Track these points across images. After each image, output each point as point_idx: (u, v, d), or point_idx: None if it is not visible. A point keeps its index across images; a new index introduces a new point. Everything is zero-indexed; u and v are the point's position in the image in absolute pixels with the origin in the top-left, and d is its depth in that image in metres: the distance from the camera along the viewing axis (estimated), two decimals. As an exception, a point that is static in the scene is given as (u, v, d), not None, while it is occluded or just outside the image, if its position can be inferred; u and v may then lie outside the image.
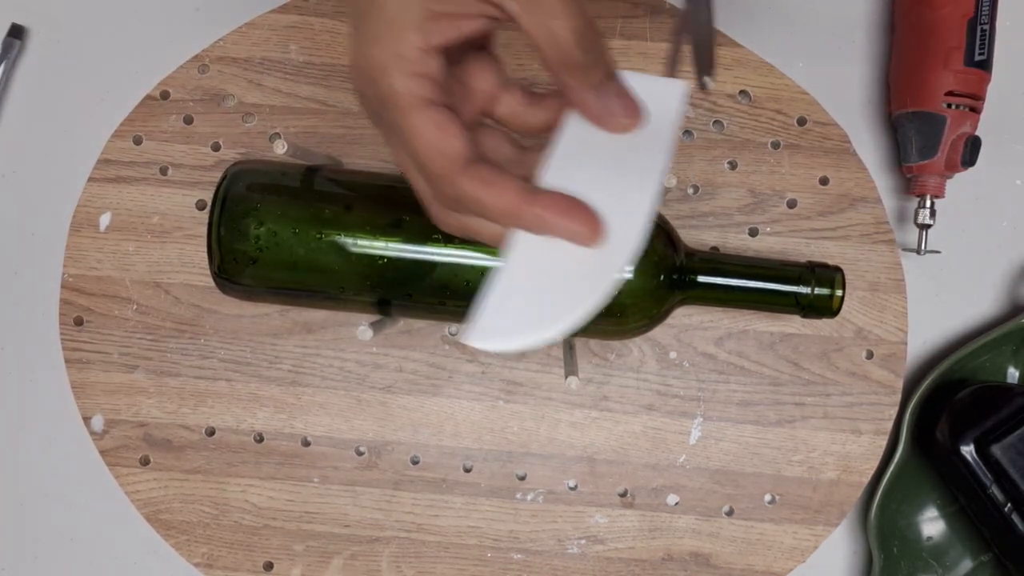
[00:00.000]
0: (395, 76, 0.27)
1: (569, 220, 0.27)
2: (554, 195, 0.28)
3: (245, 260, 0.43)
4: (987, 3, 0.47)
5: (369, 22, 0.27)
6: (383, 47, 0.27)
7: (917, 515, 0.51)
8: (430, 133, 0.27)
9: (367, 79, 0.28)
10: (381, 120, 0.29)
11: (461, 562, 0.50)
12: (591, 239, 0.28)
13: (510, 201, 0.27)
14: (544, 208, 0.27)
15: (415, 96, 0.27)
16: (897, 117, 0.50)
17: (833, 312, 0.45)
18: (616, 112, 0.29)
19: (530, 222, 0.28)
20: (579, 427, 0.50)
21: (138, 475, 0.50)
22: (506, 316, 0.28)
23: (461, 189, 0.27)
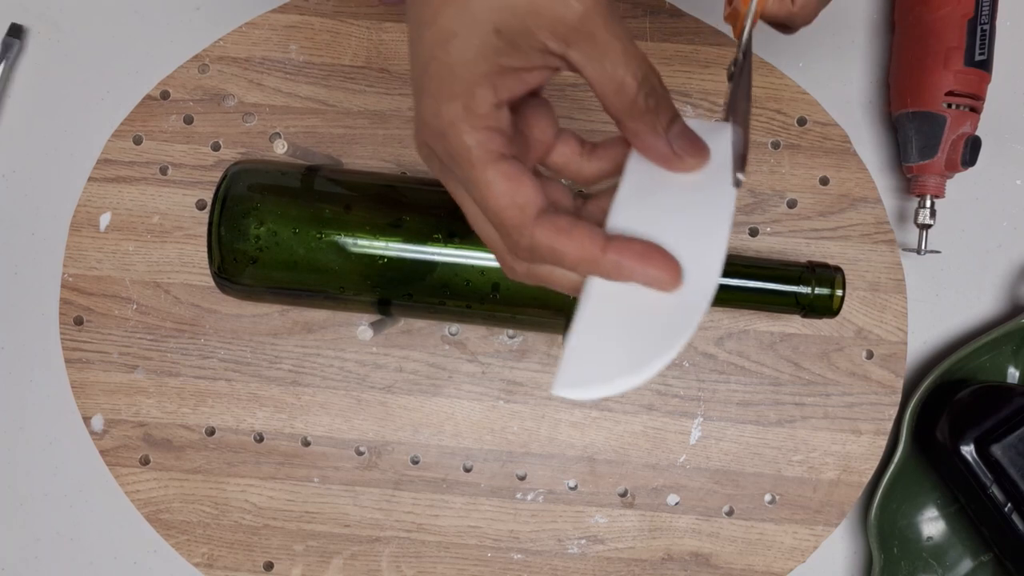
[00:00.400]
0: (467, 131, 0.27)
1: (648, 266, 0.28)
2: (631, 241, 0.28)
3: (245, 260, 0.43)
4: (987, 3, 0.47)
5: (436, 78, 0.27)
6: (453, 103, 0.27)
7: (917, 515, 0.51)
8: (504, 186, 0.27)
9: (436, 134, 0.28)
10: (448, 174, 0.29)
11: (461, 562, 0.50)
12: (671, 284, 0.28)
13: (587, 249, 0.28)
14: (622, 255, 0.28)
15: (487, 150, 0.27)
16: (897, 117, 0.50)
17: (833, 312, 0.45)
18: (684, 153, 0.29)
19: (609, 269, 0.28)
20: (579, 427, 0.50)
21: (138, 475, 0.50)
22: (591, 364, 0.28)
23: (537, 240, 0.28)
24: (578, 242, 0.28)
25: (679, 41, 0.51)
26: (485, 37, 0.27)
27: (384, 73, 0.51)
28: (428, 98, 0.28)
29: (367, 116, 0.51)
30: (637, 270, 0.28)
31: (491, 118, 0.27)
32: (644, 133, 0.29)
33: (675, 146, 0.29)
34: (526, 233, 0.28)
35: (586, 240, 0.28)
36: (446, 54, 0.27)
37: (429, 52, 0.28)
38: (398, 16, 0.51)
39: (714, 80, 0.51)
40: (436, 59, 0.27)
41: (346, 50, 0.51)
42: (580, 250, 0.28)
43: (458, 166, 0.28)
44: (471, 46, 0.27)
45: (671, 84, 0.51)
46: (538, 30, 0.27)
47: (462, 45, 0.27)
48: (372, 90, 0.51)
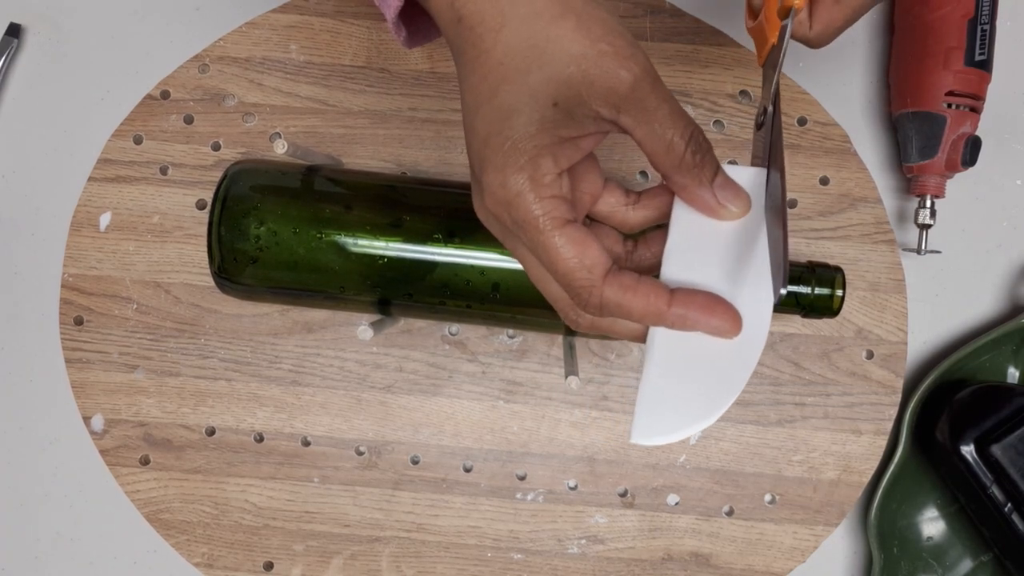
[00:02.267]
0: (534, 201, 0.29)
1: (711, 316, 0.30)
2: (694, 293, 0.30)
3: (245, 260, 0.43)
4: (987, 3, 0.47)
5: (500, 152, 0.29)
6: (519, 175, 0.29)
7: (917, 515, 0.51)
8: (572, 251, 0.29)
9: (503, 204, 0.29)
10: (514, 238, 0.31)
11: (461, 562, 0.50)
12: (732, 332, 0.30)
13: (654, 304, 0.30)
14: (687, 308, 0.30)
15: (553, 218, 0.29)
16: (897, 117, 0.50)
17: (833, 312, 0.45)
18: (728, 202, 0.31)
19: (674, 321, 0.30)
20: (579, 427, 0.50)
21: (138, 475, 0.50)
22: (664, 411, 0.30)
23: (607, 297, 0.30)
24: (644, 298, 0.30)
25: (679, 41, 0.51)
26: (544, 111, 0.28)
27: (384, 73, 0.51)
28: (493, 171, 0.29)
29: (367, 116, 0.51)
30: (701, 321, 0.30)
31: (554, 187, 0.29)
32: (692, 186, 0.31)
33: (720, 196, 0.31)
34: (596, 292, 0.30)
35: (652, 296, 0.30)
36: (510, 129, 0.29)
37: (489, 127, 0.29)
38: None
39: (714, 80, 0.51)
40: (498, 133, 0.29)
41: (346, 50, 0.51)
42: (647, 305, 0.30)
43: (525, 233, 0.30)
44: (533, 121, 0.29)
45: (671, 84, 0.51)
46: (592, 99, 0.28)
47: (524, 120, 0.29)
48: (372, 90, 0.51)
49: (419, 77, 0.51)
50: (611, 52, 0.28)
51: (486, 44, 0.29)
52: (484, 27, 0.29)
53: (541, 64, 0.28)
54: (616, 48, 0.28)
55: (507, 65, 0.29)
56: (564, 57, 0.28)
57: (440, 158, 0.51)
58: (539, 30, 0.28)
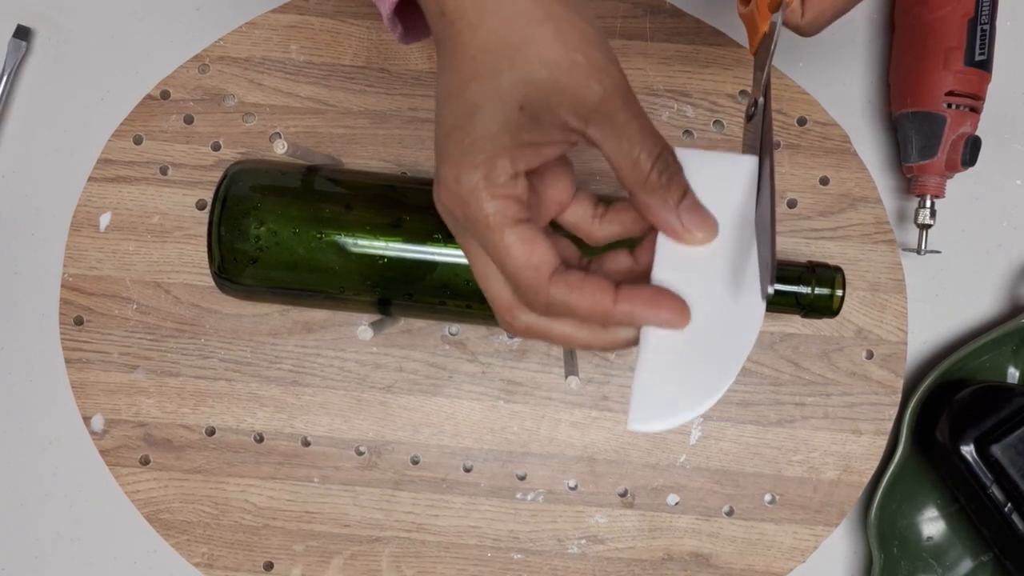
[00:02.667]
0: (486, 199, 0.29)
1: (658, 310, 0.30)
2: (640, 289, 0.30)
3: (245, 260, 0.43)
4: (987, 3, 0.47)
5: (459, 147, 0.29)
6: (474, 172, 0.29)
7: (917, 515, 0.51)
8: (520, 249, 0.29)
9: (457, 200, 0.29)
10: (465, 234, 0.31)
11: (461, 562, 0.50)
12: (680, 322, 0.30)
13: (599, 301, 0.29)
14: (632, 304, 0.29)
15: (505, 216, 0.29)
16: (897, 117, 0.50)
17: (833, 312, 0.45)
18: (692, 227, 0.31)
19: (621, 318, 0.30)
20: (579, 427, 0.50)
21: (138, 475, 0.50)
22: (659, 397, 0.30)
23: (552, 296, 0.29)
24: (590, 296, 0.29)
25: (679, 41, 0.51)
26: (509, 113, 0.28)
27: (384, 73, 0.51)
28: (450, 165, 0.29)
29: (367, 116, 0.51)
30: (649, 315, 0.30)
31: (509, 187, 0.29)
32: (656, 207, 0.30)
33: (684, 220, 0.30)
34: (543, 292, 0.29)
35: (598, 294, 0.29)
36: (471, 125, 0.29)
37: (453, 120, 0.29)
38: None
39: (714, 80, 0.51)
40: (460, 128, 0.29)
41: (346, 50, 0.51)
42: (593, 304, 0.29)
43: (476, 230, 0.30)
44: (495, 121, 0.28)
45: (671, 84, 0.51)
46: (559, 108, 0.28)
47: (487, 119, 0.28)
48: (372, 90, 0.51)
49: (419, 77, 0.51)
50: (584, 63, 0.28)
51: (463, 38, 0.29)
52: (464, 22, 0.29)
53: (513, 65, 0.28)
54: (591, 60, 0.28)
55: (480, 61, 0.29)
56: (537, 62, 0.28)
57: (440, 158, 0.51)
58: (516, 31, 0.28)
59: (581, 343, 0.32)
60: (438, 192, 0.30)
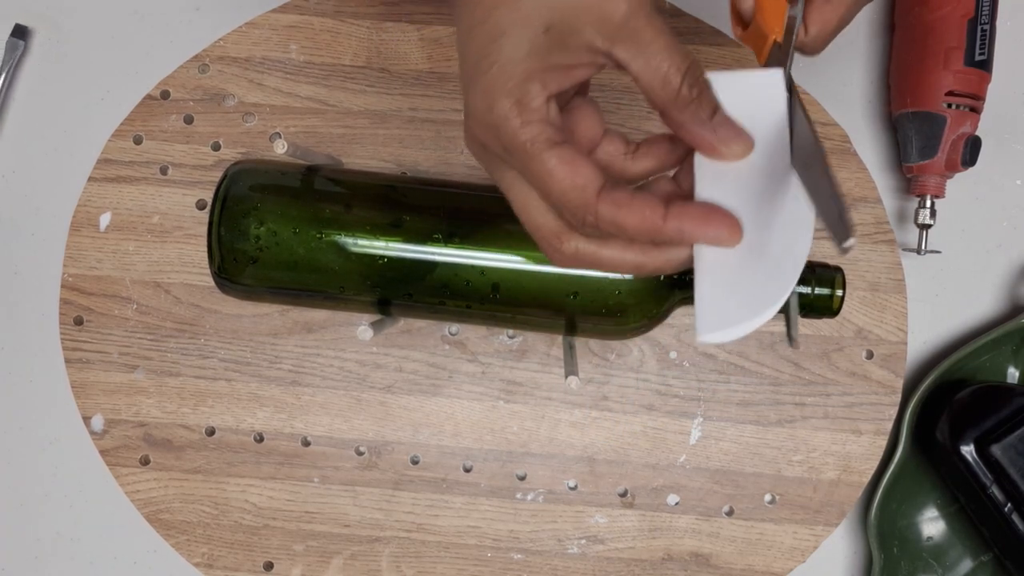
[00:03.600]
0: (521, 124, 0.29)
1: (707, 227, 0.29)
2: (690, 205, 0.29)
3: (245, 260, 0.43)
4: (987, 3, 0.47)
5: (487, 75, 0.29)
6: (506, 99, 0.28)
7: (917, 515, 0.51)
8: (564, 170, 0.29)
9: (489, 129, 0.29)
10: (502, 166, 0.31)
11: (461, 562, 0.50)
12: (732, 239, 0.29)
13: (648, 219, 0.29)
14: (682, 220, 0.29)
15: (543, 139, 0.29)
16: (897, 117, 0.50)
17: (833, 312, 0.45)
18: (729, 141, 0.30)
19: (672, 235, 0.29)
20: (579, 427, 0.50)
21: (138, 475, 0.50)
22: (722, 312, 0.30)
23: (601, 215, 0.29)
24: (639, 213, 0.29)
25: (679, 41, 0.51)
26: (535, 36, 0.28)
27: (384, 73, 0.51)
28: (480, 94, 0.29)
29: (367, 116, 0.51)
30: (699, 232, 0.29)
31: (542, 111, 0.29)
32: (689, 123, 0.30)
33: (719, 133, 0.30)
34: (590, 211, 0.29)
35: (647, 210, 0.29)
36: (498, 52, 0.29)
37: (480, 50, 0.29)
38: (398, 16, 0.51)
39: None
40: (487, 57, 0.29)
41: (346, 50, 0.51)
42: (642, 220, 0.29)
43: (515, 157, 0.29)
44: (522, 44, 0.28)
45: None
46: (585, 28, 0.28)
47: (514, 43, 0.28)
48: (372, 90, 0.51)
49: (419, 77, 0.51)
50: None
51: None
52: None
53: None
54: None
55: None
56: None
57: (440, 158, 0.51)
58: None
59: (632, 265, 0.31)
60: (469, 126, 0.30)
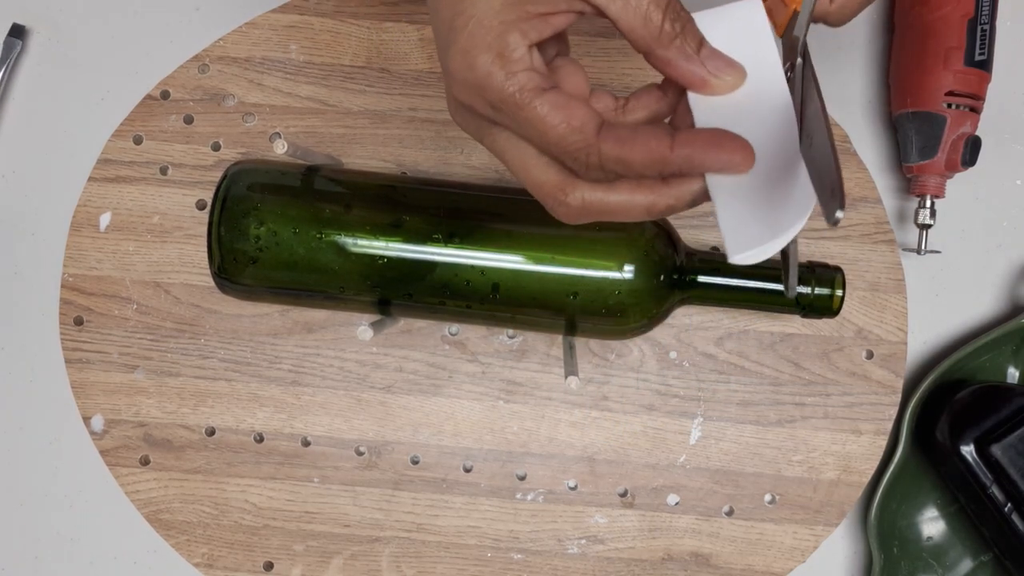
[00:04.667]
0: (506, 77, 0.28)
1: (719, 152, 0.28)
2: (697, 131, 0.28)
3: (245, 260, 0.43)
4: (987, 3, 0.47)
5: (464, 32, 0.28)
6: (487, 53, 0.28)
7: (917, 515, 0.51)
8: (557, 113, 0.28)
9: (474, 88, 0.28)
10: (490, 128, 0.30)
11: (461, 562, 0.50)
12: (745, 165, 0.28)
13: (655, 150, 0.28)
14: (692, 146, 0.28)
15: (530, 88, 0.28)
16: (897, 117, 0.50)
17: (833, 312, 0.45)
18: (720, 72, 0.29)
19: (680, 165, 0.28)
20: (579, 427, 0.50)
21: (138, 475, 0.50)
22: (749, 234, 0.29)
23: (604, 154, 0.28)
24: (644, 145, 0.28)
25: None
26: None
27: (384, 73, 0.51)
28: (459, 55, 0.28)
29: (367, 116, 0.51)
30: (709, 158, 0.28)
31: (525, 60, 0.28)
32: (676, 59, 0.29)
33: (709, 66, 0.29)
34: (593, 151, 0.28)
35: (652, 141, 0.28)
36: (472, 7, 0.28)
37: (453, 8, 0.28)
38: (398, 16, 0.51)
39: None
40: (462, 14, 0.28)
41: (346, 50, 0.51)
42: (648, 152, 0.28)
43: (505, 113, 0.28)
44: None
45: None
46: None
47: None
48: (372, 90, 0.51)
49: (419, 77, 0.51)
50: None
51: None
52: None
53: None
54: None
55: None
56: None
57: (440, 158, 0.51)
58: None
59: (643, 207, 0.29)
60: (452, 92, 0.29)
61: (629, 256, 0.43)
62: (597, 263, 0.43)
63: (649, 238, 0.43)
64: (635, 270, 0.43)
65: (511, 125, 0.29)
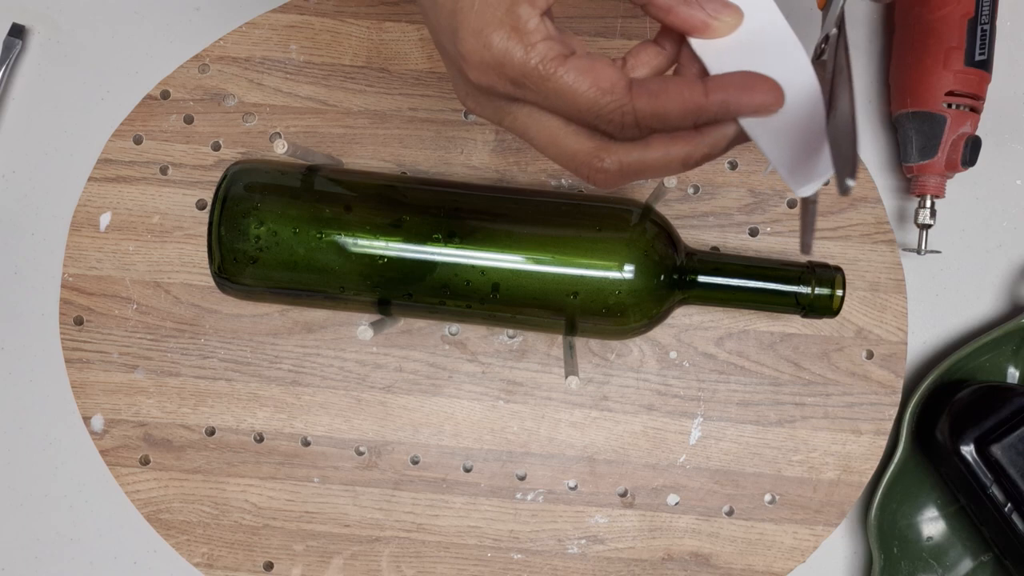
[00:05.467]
0: (525, 50, 0.27)
1: (753, 92, 0.28)
2: (726, 76, 0.28)
3: (245, 260, 0.43)
4: (987, 3, 0.47)
5: (472, 14, 0.28)
6: (500, 30, 0.27)
7: (917, 515, 0.51)
8: (584, 78, 0.27)
9: (493, 67, 0.28)
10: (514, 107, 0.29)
11: (461, 562, 0.50)
12: (777, 103, 0.28)
13: (689, 98, 0.27)
14: (725, 91, 0.28)
15: (552, 57, 0.27)
16: (897, 117, 0.50)
17: (833, 312, 0.45)
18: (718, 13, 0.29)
19: (717, 111, 0.28)
20: (579, 427, 0.50)
21: (138, 475, 0.50)
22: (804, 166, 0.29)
23: (639, 110, 0.28)
24: (677, 95, 0.28)
25: None
26: None
27: (384, 73, 0.51)
28: (471, 36, 0.28)
29: (367, 116, 0.51)
30: (744, 100, 0.28)
31: (541, 30, 0.28)
32: (675, 6, 0.29)
33: (708, 8, 0.29)
34: (627, 110, 0.28)
35: (686, 90, 0.28)
36: None
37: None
38: (398, 16, 0.51)
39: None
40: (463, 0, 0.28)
41: (346, 50, 0.51)
42: (684, 102, 0.28)
43: (528, 87, 0.28)
44: None
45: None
46: None
47: None
48: (372, 90, 0.51)
49: (419, 77, 0.51)
50: None
51: None
52: None
53: None
54: None
55: None
56: None
57: (440, 158, 0.51)
58: None
59: (680, 159, 0.29)
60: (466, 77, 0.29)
61: (629, 256, 0.43)
62: (597, 263, 0.43)
63: (649, 238, 0.43)
64: (635, 270, 0.43)
65: (536, 99, 0.28)
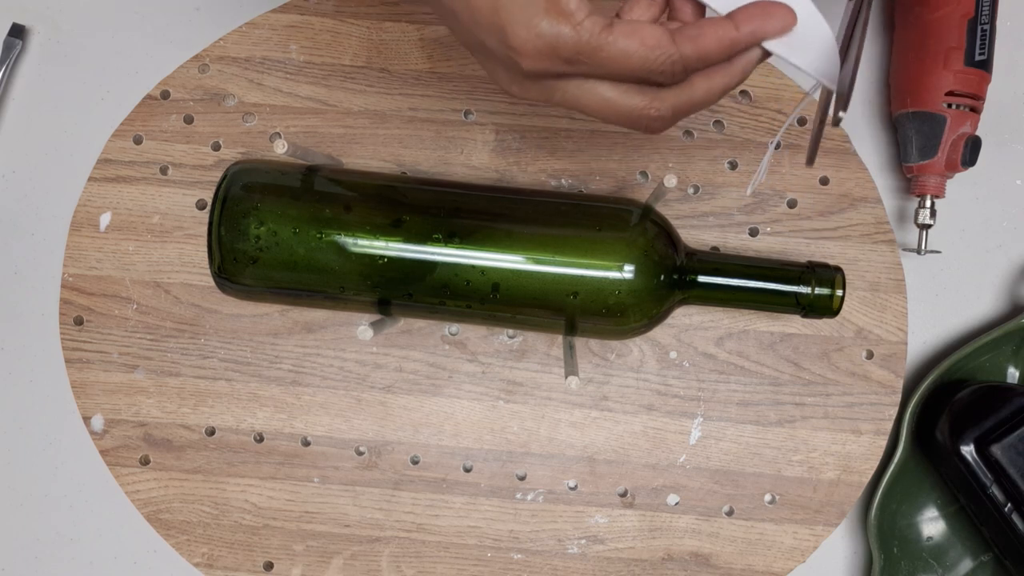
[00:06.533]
0: (573, 29, 0.30)
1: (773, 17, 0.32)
2: (746, 7, 0.32)
3: (245, 260, 0.43)
4: (987, 3, 0.47)
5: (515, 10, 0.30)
6: (546, 17, 0.30)
7: (917, 515, 0.51)
8: (632, 41, 0.30)
9: (548, 53, 0.30)
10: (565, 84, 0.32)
11: (461, 562, 0.50)
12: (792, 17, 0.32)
13: (724, 35, 0.31)
14: (750, 22, 0.31)
15: (599, 29, 0.30)
16: (897, 117, 0.50)
17: (833, 312, 0.45)
18: None
19: (748, 40, 0.32)
20: (579, 427, 0.50)
21: (138, 475, 0.50)
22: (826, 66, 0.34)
23: (687, 56, 0.31)
24: (713, 36, 0.31)
25: None
26: None
27: (384, 73, 0.51)
28: (520, 30, 0.30)
29: (367, 116, 0.51)
30: (768, 24, 0.32)
31: (583, 7, 0.30)
32: None
33: None
34: (676, 59, 0.31)
35: (719, 30, 0.31)
36: None
37: None
38: (398, 16, 0.51)
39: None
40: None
41: (346, 50, 0.51)
42: (720, 39, 0.31)
43: (582, 62, 0.31)
44: None
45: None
46: None
47: None
48: (372, 90, 0.51)
49: (419, 77, 0.51)
50: None
51: None
52: None
53: None
54: None
55: None
56: None
57: (440, 158, 0.51)
58: None
59: (721, 88, 0.33)
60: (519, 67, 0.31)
61: (629, 256, 0.43)
62: (597, 263, 0.43)
63: (649, 238, 0.43)
64: (635, 270, 0.43)
65: (588, 70, 0.31)
